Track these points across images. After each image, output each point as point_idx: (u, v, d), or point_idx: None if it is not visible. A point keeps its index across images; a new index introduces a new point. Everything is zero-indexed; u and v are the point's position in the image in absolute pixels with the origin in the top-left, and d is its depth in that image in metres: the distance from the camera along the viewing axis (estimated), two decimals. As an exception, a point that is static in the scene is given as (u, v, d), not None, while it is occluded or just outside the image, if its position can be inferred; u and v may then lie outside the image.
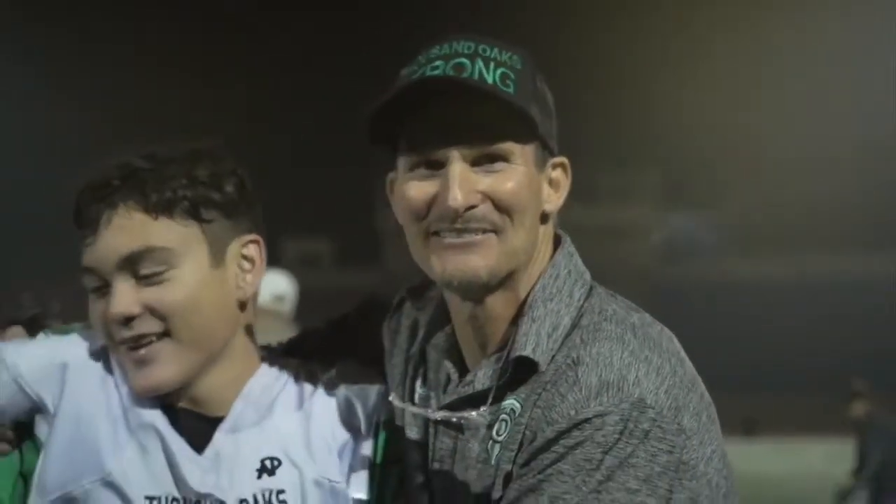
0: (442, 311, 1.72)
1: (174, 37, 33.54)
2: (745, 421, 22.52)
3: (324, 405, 1.72)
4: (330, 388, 1.75)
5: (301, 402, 1.72)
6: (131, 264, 1.61)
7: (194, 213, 1.64)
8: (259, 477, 1.65)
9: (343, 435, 1.71)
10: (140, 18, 34.94)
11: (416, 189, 1.59)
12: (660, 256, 35.43)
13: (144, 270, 1.61)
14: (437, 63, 1.58)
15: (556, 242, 1.68)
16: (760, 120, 35.31)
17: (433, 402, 1.68)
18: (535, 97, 1.59)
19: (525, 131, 1.58)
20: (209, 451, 1.65)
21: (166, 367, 1.63)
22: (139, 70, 33.71)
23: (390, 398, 1.73)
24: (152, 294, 1.61)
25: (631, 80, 35.05)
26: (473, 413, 1.60)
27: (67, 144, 31.40)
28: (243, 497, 1.63)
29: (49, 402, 1.65)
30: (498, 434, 1.58)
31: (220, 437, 1.66)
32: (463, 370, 1.67)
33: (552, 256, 1.65)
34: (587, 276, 1.66)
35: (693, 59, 34.05)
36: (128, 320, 1.61)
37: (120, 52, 34.24)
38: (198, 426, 1.66)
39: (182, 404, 1.67)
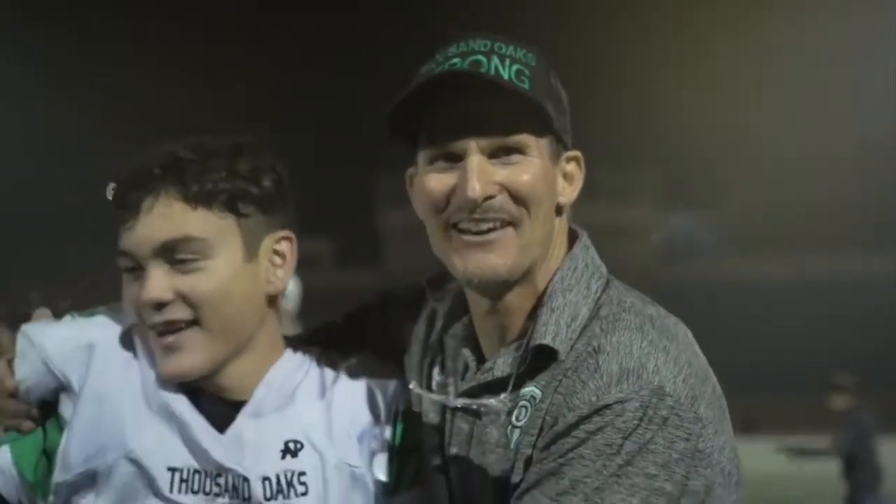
0: (460, 302, 1.77)
1: (174, 37, 33.56)
2: (744, 421, 22.56)
3: (345, 393, 1.76)
4: (351, 377, 1.78)
5: (323, 391, 1.76)
6: (167, 252, 1.65)
7: (232, 207, 1.68)
8: (283, 458, 1.68)
9: (363, 421, 1.75)
10: (140, 18, 34.96)
11: (435, 181, 1.64)
12: (659, 256, 35.46)
13: (179, 258, 1.65)
14: (455, 60, 1.63)
15: (572, 237, 1.72)
16: (760, 120, 35.33)
17: (451, 388, 1.73)
18: (550, 93, 1.65)
19: (540, 125, 1.63)
20: (231, 431, 1.69)
21: (194, 355, 1.67)
22: (139, 70, 33.73)
23: (410, 386, 1.78)
24: (185, 282, 1.66)
25: (631, 79, 35.07)
26: (493, 400, 1.64)
27: (67, 144, 31.41)
28: (266, 475, 1.67)
29: (74, 382, 1.69)
30: (518, 420, 1.62)
31: (242, 420, 1.70)
32: (481, 359, 1.71)
33: (569, 250, 1.70)
34: (603, 269, 1.71)
35: (693, 58, 34.07)
36: (160, 306, 1.65)
37: (120, 52, 34.26)
38: (220, 409, 1.70)
39: (205, 388, 1.71)
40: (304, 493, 1.69)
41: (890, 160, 31.12)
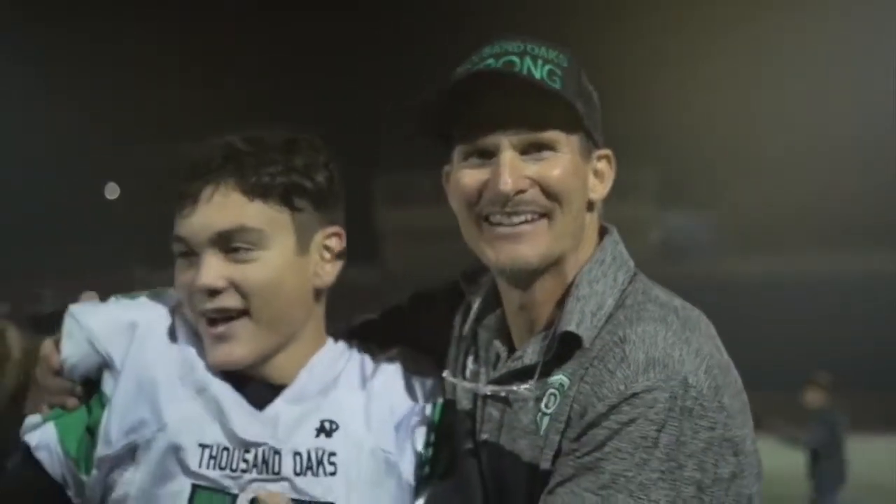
0: (493, 295, 1.84)
1: (174, 36, 33.58)
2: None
3: (384, 383, 1.82)
4: (390, 368, 1.85)
5: (363, 379, 1.82)
6: (223, 241, 1.70)
7: (287, 200, 1.74)
8: (317, 436, 1.73)
9: (401, 411, 1.81)
10: (140, 19, 34.96)
11: (469, 177, 1.72)
12: (658, 255, 35.47)
13: (234, 248, 1.71)
14: (489, 61, 1.70)
15: (602, 233, 1.80)
16: (759, 119, 35.34)
17: (482, 377, 1.81)
18: (581, 92, 1.72)
19: (570, 122, 1.70)
20: (269, 409, 1.75)
21: (243, 345, 1.73)
22: (139, 70, 33.74)
23: (444, 374, 1.85)
24: (239, 271, 1.71)
25: (630, 79, 35.09)
26: (521, 387, 1.70)
27: (66, 144, 31.40)
28: (297, 450, 1.72)
29: (117, 360, 1.75)
30: (547, 407, 1.68)
31: (282, 401, 1.76)
32: (512, 349, 1.78)
33: (598, 244, 1.77)
34: (631, 263, 1.78)
35: (692, 58, 34.08)
36: (212, 293, 1.71)
37: (120, 52, 34.27)
38: (260, 391, 1.76)
39: (246, 372, 1.76)
40: (333, 473, 1.72)
41: (889, 160, 31.12)
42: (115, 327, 1.76)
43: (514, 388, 1.71)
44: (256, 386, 1.76)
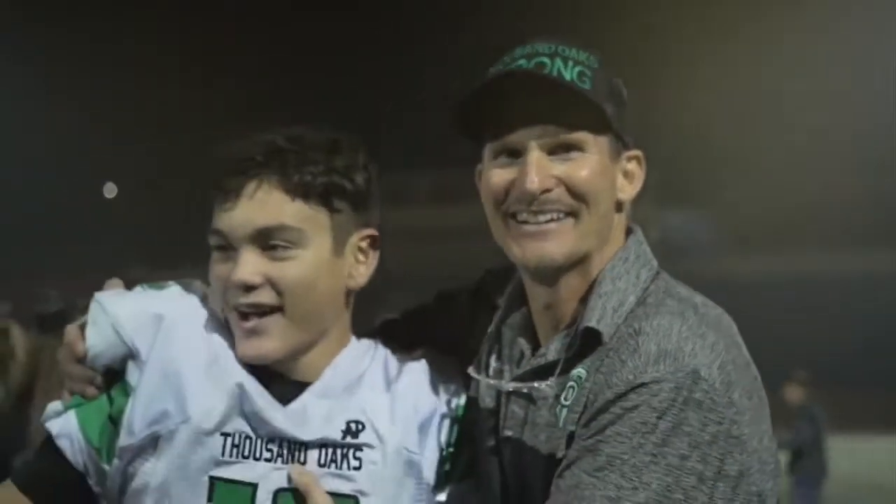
0: (518, 295, 1.87)
1: (173, 36, 33.58)
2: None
3: (409, 383, 1.84)
4: (415, 368, 1.86)
5: (388, 378, 1.83)
6: (262, 237, 1.72)
7: (326, 201, 1.75)
8: (343, 437, 1.75)
9: (425, 411, 1.82)
10: (140, 19, 34.96)
11: (497, 175, 1.76)
12: (657, 254, 35.43)
13: (272, 245, 1.72)
14: (521, 61, 1.73)
15: (627, 232, 1.83)
16: (759, 119, 35.33)
17: (506, 374, 1.84)
18: (611, 94, 1.75)
19: (599, 123, 1.73)
20: (294, 405, 1.76)
21: (275, 340, 1.74)
22: (139, 70, 33.73)
23: (469, 370, 1.87)
24: (275, 268, 1.72)
25: (630, 79, 35.06)
26: (542, 384, 1.73)
27: (66, 143, 31.38)
28: (325, 443, 1.74)
29: (142, 350, 1.75)
30: (565, 399, 1.71)
31: (307, 397, 1.77)
32: (536, 347, 1.81)
33: (623, 243, 1.80)
34: (654, 262, 1.82)
35: (691, 57, 34.08)
36: (248, 288, 1.72)
37: (118, 52, 34.27)
38: (285, 387, 1.77)
39: (271, 368, 1.78)
40: (357, 468, 1.74)
41: (887, 160, 31.11)
42: (142, 318, 1.76)
43: (536, 384, 1.74)
44: (281, 382, 1.77)
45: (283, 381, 1.78)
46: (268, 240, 1.72)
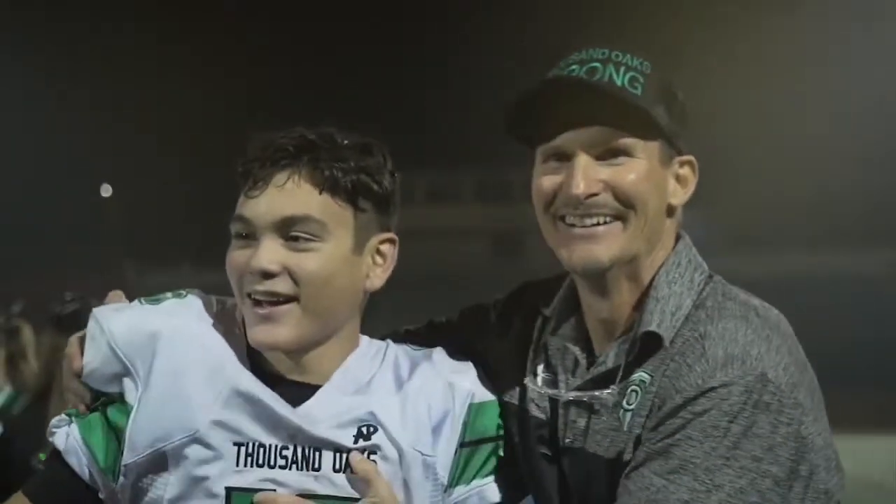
0: (566, 306, 1.90)
1: (173, 36, 33.58)
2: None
3: (421, 384, 1.84)
4: (427, 369, 1.86)
5: (399, 380, 1.83)
6: (286, 227, 1.73)
7: (353, 199, 1.78)
8: (356, 441, 1.75)
9: (437, 413, 1.82)
10: (141, 19, 34.96)
11: (546, 179, 1.80)
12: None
13: (295, 235, 1.74)
14: (573, 67, 1.77)
15: (675, 238, 1.86)
16: (759, 119, 35.35)
17: (561, 384, 1.85)
18: (664, 99, 1.78)
19: (649, 129, 1.75)
20: (305, 406, 1.76)
21: (287, 328, 1.74)
22: (138, 71, 33.73)
23: (525, 381, 1.88)
24: (295, 259, 1.73)
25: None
26: (603, 392, 1.75)
27: (73, 144, 31.39)
28: (339, 448, 1.74)
29: (140, 367, 1.75)
30: (629, 403, 1.72)
31: (317, 399, 1.77)
32: (590, 355, 1.83)
33: (672, 248, 1.83)
34: (705, 266, 1.84)
35: (688, 56, 34.11)
36: (266, 276, 1.73)
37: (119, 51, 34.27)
38: (294, 391, 1.78)
39: (278, 372, 1.79)
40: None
41: (886, 160, 31.13)
42: (138, 335, 1.76)
43: (597, 392, 1.76)
44: (290, 386, 1.78)
45: (291, 384, 1.78)
46: (291, 229, 1.73)
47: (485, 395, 1.87)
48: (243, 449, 1.71)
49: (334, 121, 1.89)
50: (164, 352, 1.75)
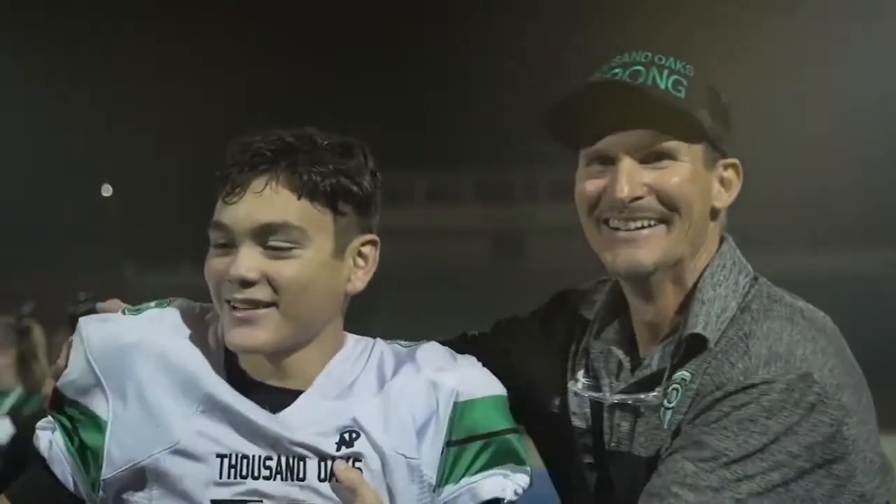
0: (609, 309, 1.90)
1: (173, 36, 33.56)
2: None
3: (403, 385, 1.79)
4: (410, 369, 1.82)
5: (382, 382, 1.79)
6: (264, 234, 1.70)
7: (332, 203, 1.73)
8: (338, 448, 1.71)
9: (422, 414, 1.77)
10: (141, 18, 34.95)
11: (590, 183, 1.79)
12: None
13: (274, 243, 1.70)
14: (616, 70, 1.78)
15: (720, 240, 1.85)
16: (759, 119, 35.34)
17: (605, 388, 1.84)
18: (707, 102, 1.78)
19: (692, 132, 1.75)
20: (285, 413, 1.72)
21: (266, 331, 1.71)
22: (137, 70, 33.72)
23: (569, 385, 1.88)
24: (274, 266, 1.70)
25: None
26: (649, 395, 1.76)
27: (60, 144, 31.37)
28: (322, 457, 1.70)
29: (114, 382, 1.73)
30: (669, 402, 1.73)
31: (298, 406, 1.74)
32: (634, 358, 1.82)
33: (717, 251, 1.82)
34: (749, 268, 1.83)
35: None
36: (245, 284, 1.69)
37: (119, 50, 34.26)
38: (274, 397, 1.74)
39: (258, 378, 1.75)
40: None
41: (885, 161, 31.13)
42: (115, 348, 1.75)
43: (643, 395, 1.76)
44: (270, 392, 1.75)
45: (272, 390, 1.75)
46: (269, 237, 1.70)
47: (471, 392, 1.81)
48: (226, 460, 1.69)
49: (334, 121, 1.87)
50: (138, 364, 1.73)
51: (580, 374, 1.88)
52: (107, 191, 35.66)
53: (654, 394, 1.74)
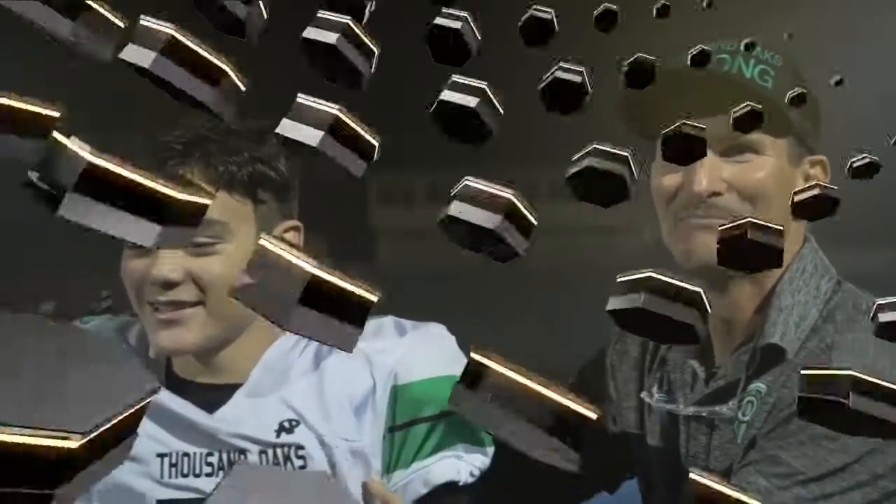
0: None
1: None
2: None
3: (337, 364, 1.71)
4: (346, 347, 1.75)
5: (316, 364, 1.72)
6: None
7: (251, 192, 1.66)
8: (278, 436, 1.66)
9: (357, 393, 1.70)
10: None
11: (667, 176, 1.71)
12: (658, 255, 35.41)
13: (196, 239, 1.60)
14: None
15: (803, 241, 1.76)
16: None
17: (680, 400, 1.77)
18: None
19: (778, 125, 1.65)
20: (222, 410, 1.67)
21: (193, 332, 1.64)
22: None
23: (642, 396, 1.82)
24: (198, 263, 1.62)
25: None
26: (724, 407, 1.67)
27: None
28: (263, 448, 1.65)
29: None
30: (743, 415, 1.64)
31: (236, 400, 1.68)
32: (709, 368, 1.74)
33: (798, 252, 1.72)
34: (833, 271, 1.73)
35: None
36: (169, 286, 1.62)
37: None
38: (208, 394, 1.68)
39: (188, 377, 1.71)
40: (303, 467, 1.66)
41: (886, 160, 31.17)
42: None
43: (717, 407, 1.68)
44: (204, 389, 1.70)
45: (206, 387, 1.70)
46: None
47: (409, 373, 1.71)
48: (167, 460, 1.65)
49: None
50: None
51: (654, 388, 1.82)
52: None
53: (728, 406, 1.67)
